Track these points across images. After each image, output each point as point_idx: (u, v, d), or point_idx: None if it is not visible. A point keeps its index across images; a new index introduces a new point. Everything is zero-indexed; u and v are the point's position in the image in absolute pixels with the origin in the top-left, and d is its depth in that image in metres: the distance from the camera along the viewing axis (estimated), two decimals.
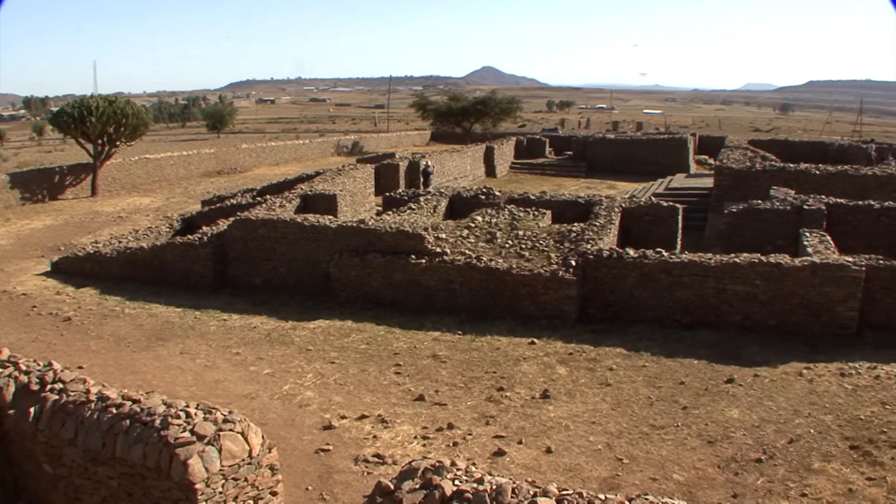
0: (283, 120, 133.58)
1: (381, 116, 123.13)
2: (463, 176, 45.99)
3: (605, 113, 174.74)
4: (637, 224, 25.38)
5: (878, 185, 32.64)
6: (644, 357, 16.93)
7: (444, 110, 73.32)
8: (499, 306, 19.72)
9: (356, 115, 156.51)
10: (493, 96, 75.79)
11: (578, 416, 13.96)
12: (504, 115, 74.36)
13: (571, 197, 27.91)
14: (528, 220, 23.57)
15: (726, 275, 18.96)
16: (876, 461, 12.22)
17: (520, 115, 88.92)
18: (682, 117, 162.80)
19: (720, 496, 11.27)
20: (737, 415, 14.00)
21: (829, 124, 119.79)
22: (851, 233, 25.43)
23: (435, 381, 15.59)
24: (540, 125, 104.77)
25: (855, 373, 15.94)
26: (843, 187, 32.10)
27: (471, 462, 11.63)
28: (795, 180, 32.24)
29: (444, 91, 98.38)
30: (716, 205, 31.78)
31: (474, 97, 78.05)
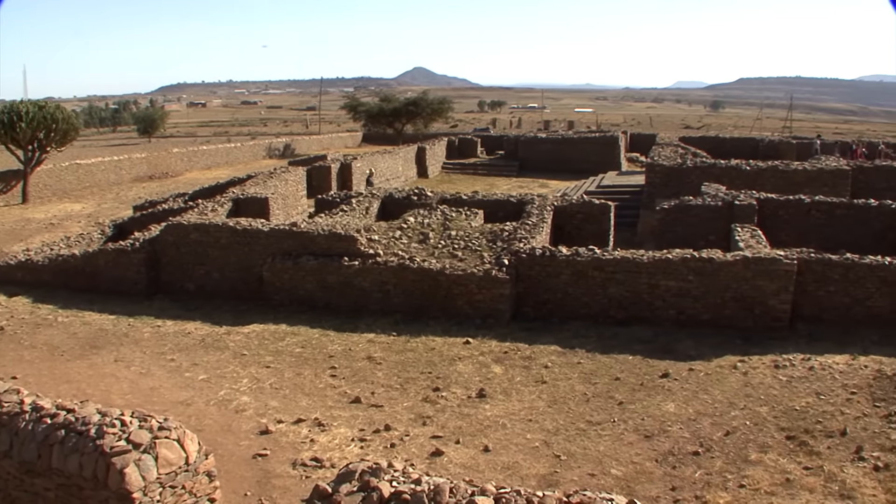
0: (215, 123, 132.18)
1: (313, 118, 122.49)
2: (395, 177, 46.14)
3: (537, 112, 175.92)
4: (569, 222, 25.72)
5: (808, 179, 33.51)
6: (579, 354, 17.23)
7: (376, 111, 73.45)
8: (433, 306, 19.91)
9: (288, 117, 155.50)
10: (424, 97, 76.08)
11: (515, 415, 14.17)
12: (436, 116, 74.78)
13: (503, 196, 28.27)
14: (460, 220, 23.78)
15: (659, 271, 19.38)
16: (812, 451, 12.64)
17: (451, 116, 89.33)
18: (614, 115, 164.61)
19: (658, 490, 11.55)
20: (673, 409, 14.37)
21: (759, 121, 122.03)
22: (783, 227, 26.09)
23: (371, 383, 15.69)
24: (472, 125, 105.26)
25: (789, 364, 16.45)
26: (773, 182, 32.87)
27: (409, 463, 11.76)
28: (727, 176, 32.92)
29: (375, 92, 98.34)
30: (647, 202, 32.30)
31: (406, 98, 78.32)
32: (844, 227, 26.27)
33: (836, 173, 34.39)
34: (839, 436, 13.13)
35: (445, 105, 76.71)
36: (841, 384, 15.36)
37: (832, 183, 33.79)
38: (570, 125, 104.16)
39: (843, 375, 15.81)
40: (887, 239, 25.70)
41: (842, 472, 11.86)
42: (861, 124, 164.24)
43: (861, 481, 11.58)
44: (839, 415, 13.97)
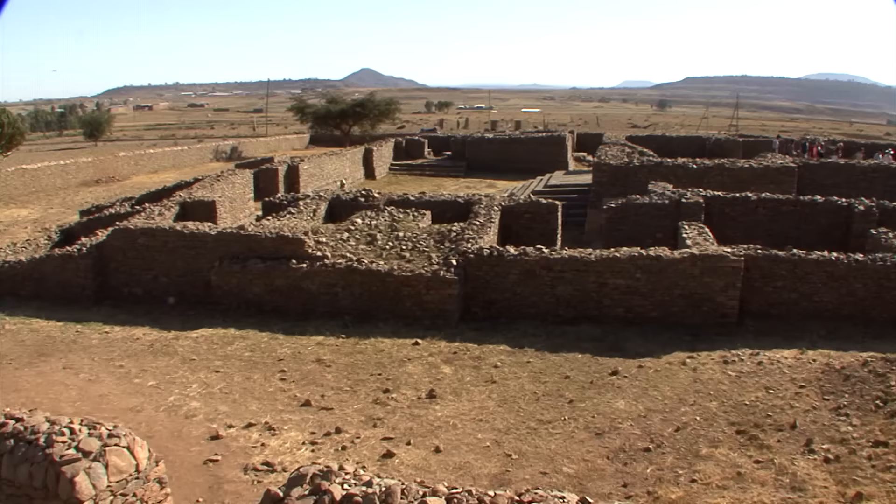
0: (162, 126, 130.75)
1: (260, 121, 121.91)
2: (342, 179, 46.15)
3: (484, 112, 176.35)
4: (517, 222, 25.90)
5: (754, 176, 34.08)
6: (528, 353, 17.39)
7: (323, 113, 73.29)
8: (382, 308, 19.95)
9: (235, 119, 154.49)
10: (371, 98, 76.08)
11: (466, 415, 14.28)
12: (383, 117, 74.82)
13: (451, 197, 28.45)
14: (408, 222, 23.86)
15: (607, 269, 19.62)
16: (763, 444, 12.90)
17: (398, 117, 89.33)
18: (561, 115, 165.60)
19: (610, 486, 11.72)
20: (623, 406, 14.56)
21: (705, 119, 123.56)
22: (730, 224, 26.54)
23: (321, 386, 15.70)
24: (419, 126, 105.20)
25: (738, 360, 16.75)
26: (720, 180, 33.42)
27: (360, 465, 11.83)
28: (673, 174, 33.38)
29: (322, 94, 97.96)
30: (595, 201, 32.58)
31: (353, 99, 78.28)
32: (791, 224, 26.80)
33: (783, 171, 35.00)
34: (789, 429, 13.40)
35: (392, 106, 76.76)
36: (790, 378, 15.67)
37: (779, 180, 34.38)
38: (517, 125, 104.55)
39: (792, 370, 16.13)
40: (833, 235, 26.23)
41: (792, 465, 12.09)
42: (808, 122, 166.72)
43: (812, 473, 11.81)
44: (789, 408, 14.26)
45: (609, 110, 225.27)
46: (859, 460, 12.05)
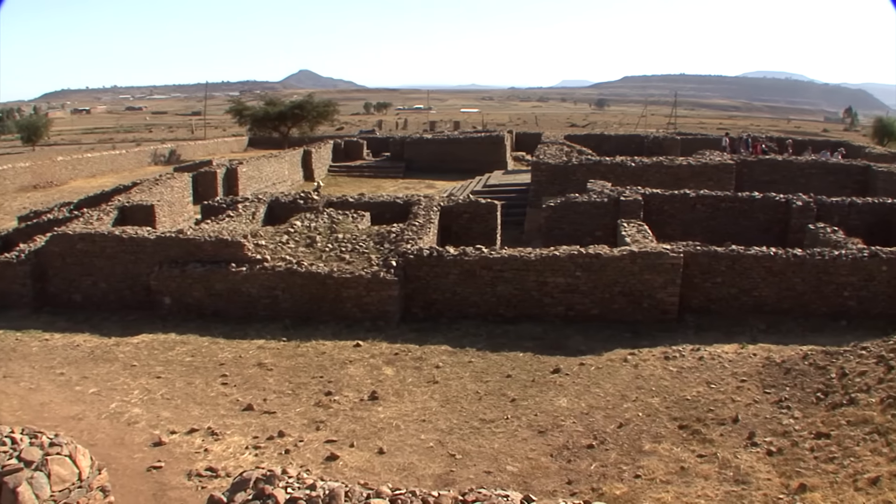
0: (100, 130, 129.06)
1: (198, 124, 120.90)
2: (281, 181, 45.90)
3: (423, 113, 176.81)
4: (456, 222, 26.07)
5: (692, 174, 34.58)
6: (470, 353, 17.50)
7: (262, 115, 72.85)
8: (322, 310, 19.93)
9: (173, 122, 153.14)
10: (310, 100, 75.79)
11: (408, 416, 14.33)
12: (321, 119, 74.64)
13: (390, 198, 28.50)
14: (347, 223, 23.84)
15: (547, 268, 19.80)
16: (705, 438, 13.12)
17: (337, 118, 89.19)
18: (500, 115, 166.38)
19: (555, 484, 11.84)
20: (565, 403, 14.71)
21: (644, 118, 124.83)
22: (669, 221, 26.94)
23: (263, 390, 15.64)
24: (357, 127, 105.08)
25: (679, 355, 17.03)
26: (658, 178, 33.87)
27: (304, 468, 11.82)
28: (612, 173, 33.74)
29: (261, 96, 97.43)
30: (534, 200, 32.88)
31: (291, 101, 77.85)
32: (730, 220, 27.27)
33: (721, 168, 35.55)
34: (731, 423, 13.63)
35: (331, 108, 76.66)
36: (731, 373, 15.95)
37: (717, 177, 34.93)
38: (456, 125, 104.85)
39: (733, 364, 16.42)
40: (772, 231, 26.73)
41: (735, 458, 12.30)
42: (745, 119, 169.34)
43: (755, 466, 12.03)
44: (730, 402, 14.51)
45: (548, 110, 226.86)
46: (802, 452, 12.27)
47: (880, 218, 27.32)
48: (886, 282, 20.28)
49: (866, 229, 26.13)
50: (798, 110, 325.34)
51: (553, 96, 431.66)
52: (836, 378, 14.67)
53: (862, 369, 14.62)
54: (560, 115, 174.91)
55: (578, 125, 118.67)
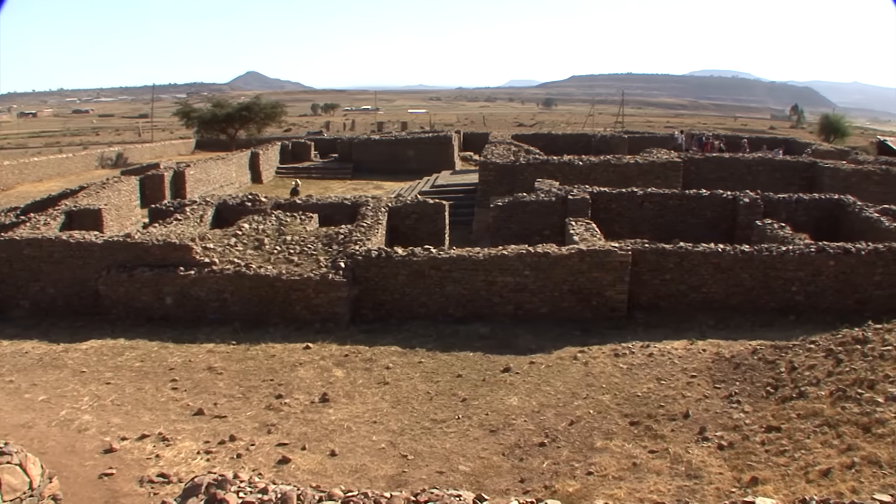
0: (46, 134, 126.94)
1: (146, 126, 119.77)
2: (229, 183, 45.66)
3: (371, 114, 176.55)
4: (404, 223, 26.14)
5: (640, 172, 34.97)
6: (420, 353, 17.55)
7: (209, 117, 72.36)
8: (272, 313, 19.88)
9: (120, 125, 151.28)
10: (257, 101, 75.55)
11: (360, 417, 14.33)
12: (269, 120, 74.47)
13: (338, 199, 28.52)
14: (295, 225, 23.85)
15: (495, 267, 19.93)
16: (657, 434, 13.26)
17: (285, 120, 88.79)
18: (447, 115, 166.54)
19: (508, 483, 11.90)
20: (516, 402, 14.81)
21: (591, 117, 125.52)
22: (617, 219, 27.22)
23: (213, 394, 15.55)
24: (305, 129, 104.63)
25: (629, 352, 17.25)
26: (606, 176, 34.20)
27: (256, 473, 11.75)
28: (560, 172, 34.01)
29: (208, 98, 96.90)
30: (482, 199, 33.01)
31: (239, 103, 77.55)
32: (678, 218, 27.61)
33: (668, 165, 35.97)
34: (682, 418, 13.80)
35: (278, 109, 76.51)
36: (681, 368, 16.18)
37: (664, 175, 35.35)
38: (403, 126, 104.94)
39: (683, 360, 16.66)
40: (720, 227, 27.11)
41: (687, 453, 12.44)
42: (692, 118, 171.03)
43: (707, 461, 12.16)
44: (681, 398, 14.70)
45: (495, 109, 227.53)
46: (753, 446, 12.42)
47: (827, 213, 27.81)
48: (834, 276, 20.64)
49: (813, 225, 26.59)
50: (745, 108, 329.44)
51: (501, 96, 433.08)
52: (785, 372, 14.89)
53: (811, 363, 14.86)
54: (508, 115, 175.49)
55: (526, 125, 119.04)
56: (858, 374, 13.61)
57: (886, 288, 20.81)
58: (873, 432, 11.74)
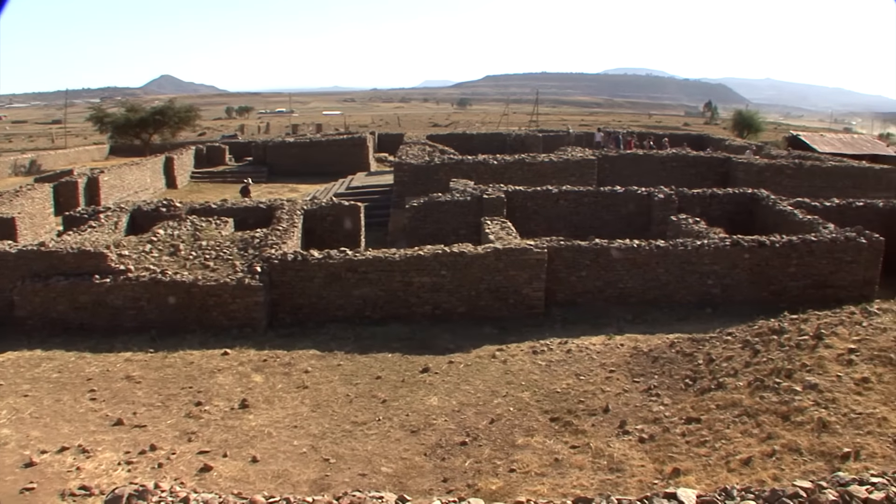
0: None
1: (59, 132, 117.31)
2: (143, 189, 45.03)
3: (285, 116, 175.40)
4: (320, 225, 26.10)
5: (554, 171, 35.35)
6: (338, 356, 17.51)
7: (123, 122, 71.24)
8: (189, 320, 19.66)
9: (33, 131, 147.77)
10: (171, 105, 74.62)
11: (280, 422, 14.27)
12: (183, 124, 73.62)
13: (253, 203, 28.41)
14: (210, 230, 23.66)
15: (412, 268, 20.03)
16: (577, 430, 13.44)
17: (199, 124, 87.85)
18: (362, 117, 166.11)
19: (430, 483, 11.98)
20: (436, 402, 14.89)
21: (506, 116, 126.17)
22: (533, 217, 27.47)
23: (132, 404, 15.30)
24: (220, 132, 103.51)
25: (547, 349, 17.44)
26: (521, 175, 34.52)
27: (177, 481, 11.63)
28: (475, 171, 34.23)
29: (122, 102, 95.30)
30: (397, 200, 33.10)
31: (153, 107, 76.49)
32: (593, 214, 27.96)
33: (583, 163, 36.45)
34: (602, 413, 14.01)
35: (192, 113, 75.71)
36: (599, 364, 16.40)
37: (579, 173, 35.81)
38: (318, 128, 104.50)
39: (601, 355, 16.89)
40: (635, 223, 27.46)
41: (608, 447, 12.62)
42: (607, 115, 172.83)
43: (628, 454, 12.36)
44: (600, 393, 14.91)
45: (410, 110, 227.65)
46: (673, 438, 12.67)
47: (741, 207, 28.40)
48: (749, 269, 21.12)
49: (728, 219, 27.14)
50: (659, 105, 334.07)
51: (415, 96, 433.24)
52: (703, 364, 15.20)
53: (728, 354, 15.20)
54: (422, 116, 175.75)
55: (441, 125, 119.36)
56: (776, 363, 13.96)
57: (801, 279, 21.38)
58: (792, 420, 12.05)
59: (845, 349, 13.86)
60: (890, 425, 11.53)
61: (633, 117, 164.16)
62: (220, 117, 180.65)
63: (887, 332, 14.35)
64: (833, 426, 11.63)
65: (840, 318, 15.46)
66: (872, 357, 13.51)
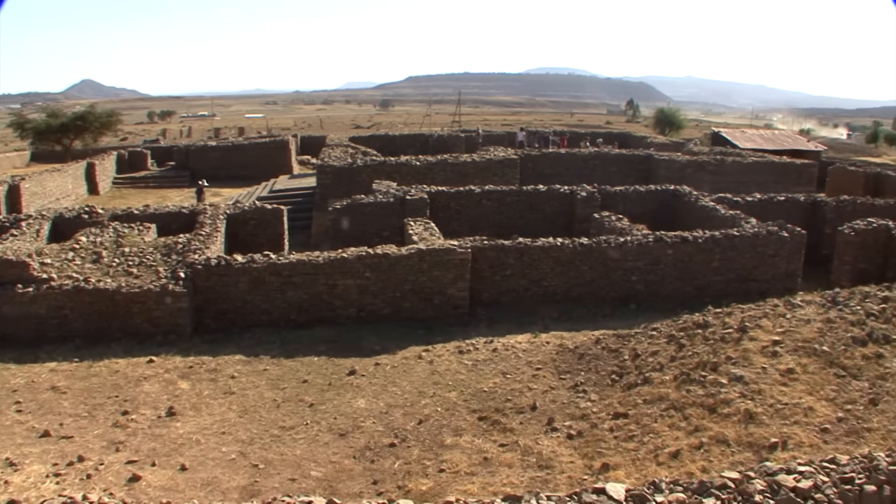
0: None
1: None
2: (65, 196, 44.23)
3: (207, 120, 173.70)
4: (243, 229, 25.92)
5: (477, 170, 35.54)
6: (264, 361, 17.40)
7: (44, 128, 69.97)
8: (113, 327, 19.35)
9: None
10: (92, 110, 73.48)
11: (208, 429, 14.13)
12: (105, 129, 72.52)
13: (176, 208, 28.13)
14: (133, 236, 23.40)
15: (336, 270, 19.99)
16: (506, 428, 13.53)
17: (121, 129, 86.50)
18: (284, 119, 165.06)
19: (360, 486, 11.95)
20: (364, 404, 14.87)
21: (429, 116, 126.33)
22: (456, 217, 27.59)
23: (59, 414, 14.99)
24: (142, 137, 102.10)
25: (473, 349, 17.56)
26: (444, 175, 34.65)
27: (106, 492, 11.48)
28: (398, 172, 34.29)
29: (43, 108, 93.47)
30: (320, 203, 32.93)
31: (74, 112, 75.24)
32: (517, 214, 28.16)
33: (505, 163, 36.70)
34: (530, 411, 14.12)
35: (114, 118, 74.65)
36: (525, 362, 16.54)
37: (502, 172, 36.04)
38: (240, 131, 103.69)
39: (527, 353, 17.04)
40: (559, 221, 27.70)
41: (537, 445, 12.73)
42: (529, 115, 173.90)
43: (557, 451, 12.48)
44: (527, 391, 15.03)
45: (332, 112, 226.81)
46: (602, 433, 12.82)
47: (664, 204, 28.82)
48: (672, 264, 21.43)
49: (651, 216, 27.54)
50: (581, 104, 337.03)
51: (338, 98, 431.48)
52: (629, 359, 15.41)
53: (654, 349, 15.43)
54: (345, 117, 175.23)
55: (363, 126, 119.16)
56: (701, 357, 14.20)
57: (725, 273, 21.78)
58: (719, 412, 12.27)
59: (770, 341, 14.17)
60: (816, 415, 11.81)
61: (555, 116, 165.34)
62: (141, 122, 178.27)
63: (811, 324, 14.70)
64: (760, 417, 11.89)
65: (764, 311, 15.79)
66: (797, 348, 13.84)
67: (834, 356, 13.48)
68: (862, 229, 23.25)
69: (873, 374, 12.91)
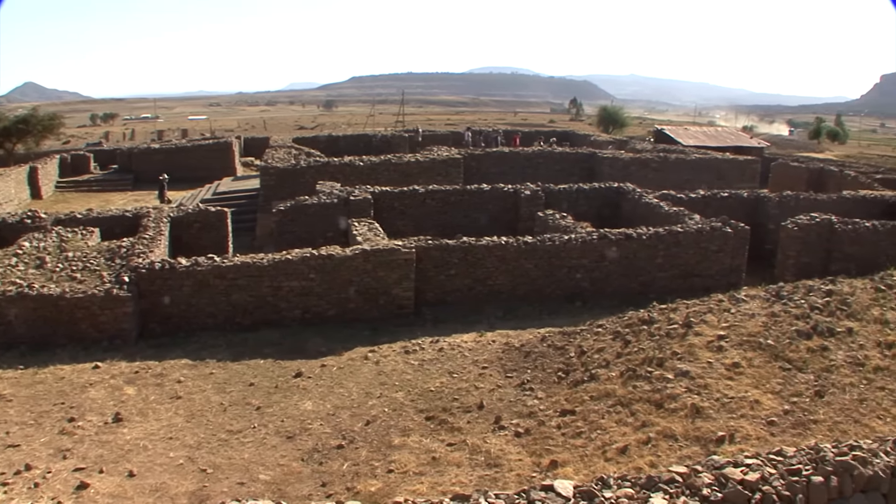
0: None
1: None
2: (7, 201, 43.57)
3: (151, 122, 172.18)
4: (187, 232, 25.70)
5: (421, 170, 35.63)
6: (210, 364, 17.26)
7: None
8: (58, 333, 19.05)
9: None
10: (34, 113, 72.47)
11: (155, 434, 13.99)
12: (47, 133, 71.49)
13: (119, 212, 27.77)
14: (76, 241, 23.13)
15: (280, 272, 19.91)
16: (453, 427, 13.57)
17: (63, 132, 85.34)
18: (228, 121, 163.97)
19: (309, 488, 11.95)
20: (311, 406, 14.83)
21: (372, 117, 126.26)
22: (400, 217, 27.62)
23: (4, 423, 14.71)
24: (84, 140, 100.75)
25: (419, 349, 17.57)
26: (388, 175, 34.72)
27: (55, 501, 11.41)
28: (341, 173, 34.26)
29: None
30: (264, 204, 32.83)
31: (15, 116, 74.19)
32: (461, 213, 28.25)
33: (449, 162, 36.80)
34: (477, 409, 14.17)
35: (56, 121, 73.62)
36: (472, 361, 16.59)
37: (445, 172, 36.15)
38: (184, 133, 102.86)
39: (473, 352, 17.08)
40: (503, 220, 27.80)
41: (485, 443, 12.79)
42: (473, 114, 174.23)
43: (505, 449, 12.54)
44: (474, 390, 15.07)
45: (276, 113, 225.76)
46: (549, 430, 12.92)
47: (608, 201, 29.05)
48: (616, 261, 21.53)
49: (595, 213, 27.76)
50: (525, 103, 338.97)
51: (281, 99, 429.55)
52: (575, 356, 15.49)
53: (600, 346, 15.54)
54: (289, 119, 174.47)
55: (307, 127, 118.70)
56: (647, 353, 14.35)
57: (669, 269, 22.01)
58: (666, 407, 12.41)
59: (715, 336, 14.35)
60: (762, 408, 11.99)
61: (499, 115, 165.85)
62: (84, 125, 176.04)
63: (755, 318, 14.90)
64: (706, 411, 12.04)
65: (709, 306, 15.97)
66: (742, 342, 14.03)
67: (779, 349, 13.71)
68: (805, 224, 23.62)
69: (818, 366, 13.16)
